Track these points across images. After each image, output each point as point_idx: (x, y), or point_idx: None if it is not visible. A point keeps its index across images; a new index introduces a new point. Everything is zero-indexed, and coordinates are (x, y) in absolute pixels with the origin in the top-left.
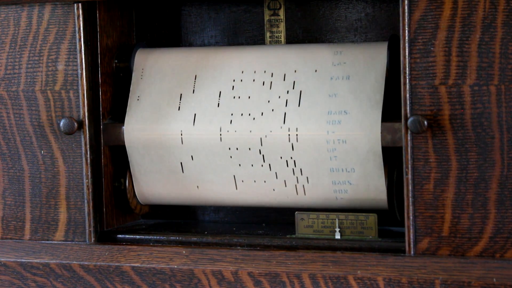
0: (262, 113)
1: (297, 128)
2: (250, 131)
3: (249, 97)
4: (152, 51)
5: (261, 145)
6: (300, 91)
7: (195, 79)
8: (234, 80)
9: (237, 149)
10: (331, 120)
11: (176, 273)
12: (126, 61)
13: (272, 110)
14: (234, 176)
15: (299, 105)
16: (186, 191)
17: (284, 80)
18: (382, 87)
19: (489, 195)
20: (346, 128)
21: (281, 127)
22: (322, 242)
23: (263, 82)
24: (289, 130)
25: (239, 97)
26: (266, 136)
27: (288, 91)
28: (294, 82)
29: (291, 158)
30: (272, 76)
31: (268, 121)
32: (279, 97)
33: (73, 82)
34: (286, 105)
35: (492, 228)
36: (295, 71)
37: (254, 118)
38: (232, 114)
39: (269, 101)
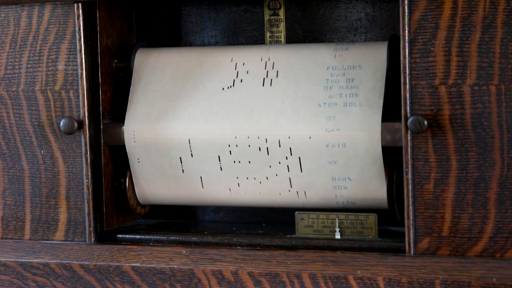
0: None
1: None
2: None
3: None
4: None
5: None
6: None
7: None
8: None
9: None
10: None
11: (176, 273)
12: (126, 61)
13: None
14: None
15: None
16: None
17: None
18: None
19: (489, 195)
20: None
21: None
22: (322, 242)
23: None
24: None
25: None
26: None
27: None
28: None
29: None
30: None
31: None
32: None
33: (73, 82)
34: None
35: (492, 228)
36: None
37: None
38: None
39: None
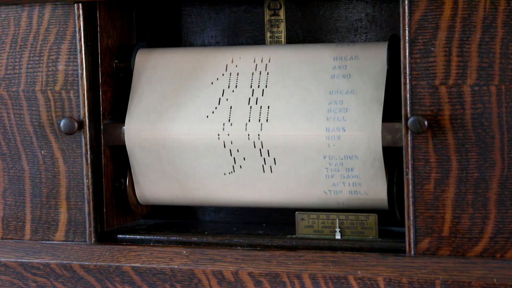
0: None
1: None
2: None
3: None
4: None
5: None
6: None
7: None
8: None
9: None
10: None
11: (176, 273)
12: (127, 61)
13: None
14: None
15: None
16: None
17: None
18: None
19: (489, 195)
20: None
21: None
22: (323, 242)
23: None
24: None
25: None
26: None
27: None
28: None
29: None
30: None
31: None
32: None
33: (73, 82)
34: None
35: (492, 228)
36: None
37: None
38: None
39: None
